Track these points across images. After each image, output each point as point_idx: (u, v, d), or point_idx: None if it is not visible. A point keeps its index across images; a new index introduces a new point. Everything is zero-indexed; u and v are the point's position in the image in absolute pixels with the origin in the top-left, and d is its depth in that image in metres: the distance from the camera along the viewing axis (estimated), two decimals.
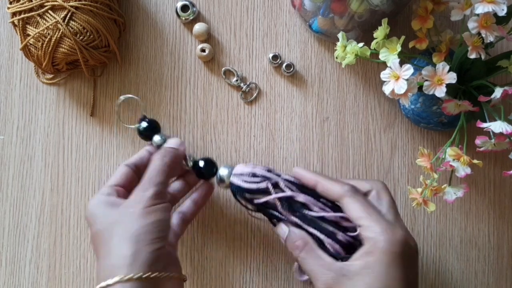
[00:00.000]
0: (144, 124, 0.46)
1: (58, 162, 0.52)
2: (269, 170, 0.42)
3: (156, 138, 0.45)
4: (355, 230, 0.37)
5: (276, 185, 0.40)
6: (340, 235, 0.38)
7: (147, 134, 0.46)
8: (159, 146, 0.45)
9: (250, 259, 0.51)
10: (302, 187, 0.41)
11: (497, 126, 0.39)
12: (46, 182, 0.52)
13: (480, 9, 0.38)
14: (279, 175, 0.41)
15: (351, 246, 0.38)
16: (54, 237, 0.51)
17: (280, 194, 0.40)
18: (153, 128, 0.46)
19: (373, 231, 0.36)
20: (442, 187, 0.43)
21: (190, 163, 0.45)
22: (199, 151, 0.52)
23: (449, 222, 0.51)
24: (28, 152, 0.52)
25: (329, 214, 0.39)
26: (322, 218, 0.39)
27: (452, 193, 0.43)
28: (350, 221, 0.38)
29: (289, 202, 0.40)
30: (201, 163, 0.45)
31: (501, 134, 0.39)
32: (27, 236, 0.51)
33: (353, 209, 0.37)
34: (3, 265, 0.51)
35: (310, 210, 0.39)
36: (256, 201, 0.41)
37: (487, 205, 0.51)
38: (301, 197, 0.39)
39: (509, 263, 0.51)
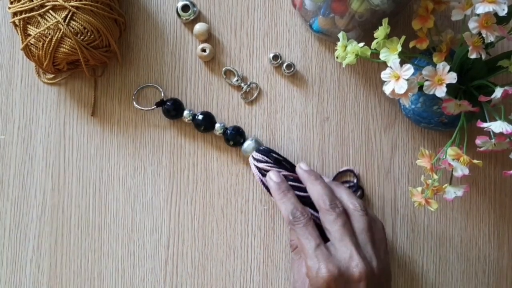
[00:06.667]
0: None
1: (59, 162, 0.52)
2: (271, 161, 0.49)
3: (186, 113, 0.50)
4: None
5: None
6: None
7: (174, 113, 0.50)
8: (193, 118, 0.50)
9: (250, 259, 0.51)
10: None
11: (498, 126, 0.39)
12: (47, 181, 0.52)
13: (481, 9, 0.38)
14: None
15: None
16: (55, 237, 0.51)
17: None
18: (178, 106, 0.51)
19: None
20: (443, 186, 0.43)
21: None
22: (199, 151, 0.52)
23: (449, 222, 0.51)
24: (29, 152, 0.52)
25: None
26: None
27: (452, 193, 0.43)
28: None
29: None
30: (230, 129, 0.51)
31: (501, 134, 0.39)
32: (28, 235, 0.52)
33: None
34: (4, 264, 0.51)
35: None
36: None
37: (487, 205, 0.51)
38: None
39: (509, 263, 0.51)
